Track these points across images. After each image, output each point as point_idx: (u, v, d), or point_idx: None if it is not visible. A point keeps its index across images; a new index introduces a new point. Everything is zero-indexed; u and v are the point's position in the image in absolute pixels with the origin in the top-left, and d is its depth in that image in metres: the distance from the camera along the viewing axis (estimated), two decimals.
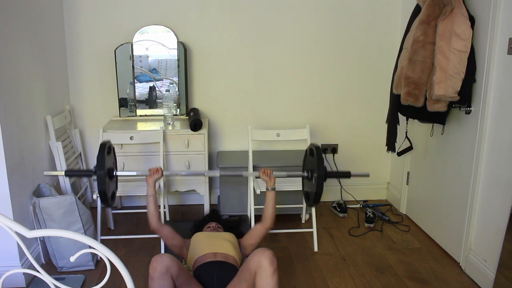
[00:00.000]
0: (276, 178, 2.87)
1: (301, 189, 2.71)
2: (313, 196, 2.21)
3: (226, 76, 3.26)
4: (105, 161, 2.14)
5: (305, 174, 2.31)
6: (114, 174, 2.31)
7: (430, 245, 2.84)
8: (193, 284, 1.99)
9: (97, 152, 2.18)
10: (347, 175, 2.32)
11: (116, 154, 2.86)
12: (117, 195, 2.70)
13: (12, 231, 1.15)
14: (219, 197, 3.22)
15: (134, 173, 2.46)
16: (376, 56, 3.30)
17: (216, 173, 2.29)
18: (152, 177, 2.33)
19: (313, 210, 2.83)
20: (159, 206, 2.32)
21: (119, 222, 3.11)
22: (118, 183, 2.83)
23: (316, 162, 2.17)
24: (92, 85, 3.19)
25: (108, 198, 2.26)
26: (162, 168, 2.47)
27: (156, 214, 2.31)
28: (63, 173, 2.34)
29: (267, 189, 2.36)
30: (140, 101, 3.27)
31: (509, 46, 2.11)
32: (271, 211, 2.36)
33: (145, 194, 2.57)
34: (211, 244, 2.21)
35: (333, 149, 3.44)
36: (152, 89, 3.30)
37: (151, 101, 3.30)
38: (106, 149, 2.22)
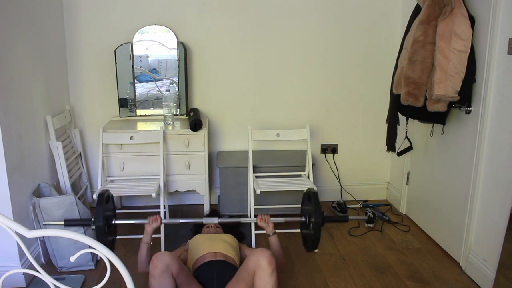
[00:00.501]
0: (277, 178, 2.89)
1: (302, 188, 2.71)
2: (311, 242, 2.21)
3: (226, 76, 3.26)
4: (103, 212, 2.13)
5: (303, 219, 2.31)
6: (113, 222, 2.30)
7: (430, 245, 2.84)
8: (193, 283, 1.99)
9: (96, 203, 2.17)
10: (345, 219, 2.33)
11: (116, 154, 2.88)
12: (117, 195, 2.70)
13: (12, 231, 1.15)
14: (219, 197, 3.22)
15: (133, 222, 2.42)
16: (376, 56, 3.30)
17: (214, 220, 2.27)
18: (151, 225, 2.29)
19: None
20: (151, 248, 2.29)
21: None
22: (118, 183, 2.84)
23: (314, 208, 2.17)
24: (92, 85, 3.19)
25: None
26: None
27: (146, 261, 2.25)
28: (62, 222, 2.30)
29: (268, 235, 2.34)
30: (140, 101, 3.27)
31: (509, 46, 2.11)
32: (278, 255, 2.30)
33: (145, 194, 2.57)
34: (210, 244, 2.21)
35: (333, 149, 3.44)
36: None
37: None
38: (105, 198, 2.22)
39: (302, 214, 2.32)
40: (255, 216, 2.34)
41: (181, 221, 2.38)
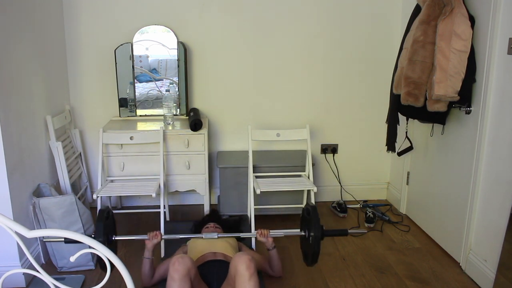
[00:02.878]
0: (277, 178, 2.89)
1: (302, 188, 2.72)
2: (311, 256, 2.22)
3: (226, 76, 3.26)
4: (103, 227, 2.14)
5: (303, 233, 2.32)
6: (114, 239, 2.31)
7: (430, 245, 2.84)
8: (202, 285, 2.00)
9: (97, 219, 2.15)
10: (344, 233, 2.35)
11: (116, 154, 2.88)
12: (117, 195, 2.70)
13: (12, 231, 1.15)
14: (219, 197, 3.22)
15: (133, 238, 2.43)
16: (376, 56, 3.30)
17: (214, 236, 2.27)
18: (151, 241, 2.28)
19: None
20: (153, 264, 2.30)
21: (119, 222, 3.08)
22: (118, 183, 2.84)
23: (313, 223, 2.18)
24: (92, 85, 3.19)
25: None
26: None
27: (150, 274, 2.27)
28: (62, 239, 2.22)
29: (267, 249, 2.35)
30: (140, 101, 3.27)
31: (509, 46, 2.11)
32: (277, 267, 2.39)
33: (145, 194, 2.57)
34: (210, 244, 2.22)
35: (333, 149, 3.44)
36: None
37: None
38: (105, 215, 2.21)
39: (301, 229, 2.34)
40: (257, 228, 2.38)
41: (180, 237, 2.38)
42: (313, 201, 2.81)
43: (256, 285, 1.87)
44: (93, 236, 2.17)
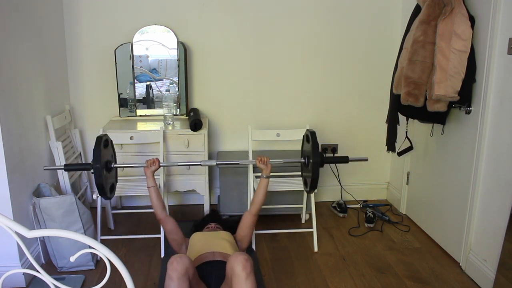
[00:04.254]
0: (277, 178, 2.89)
1: (302, 188, 2.72)
2: (310, 182, 2.21)
3: (226, 76, 3.27)
4: (101, 154, 2.15)
5: (302, 160, 2.32)
6: (112, 166, 2.34)
7: (430, 245, 2.84)
8: (201, 285, 2.00)
9: (94, 146, 2.21)
10: (345, 160, 2.32)
11: (116, 154, 2.87)
12: (117, 195, 2.70)
13: (12, 231, 1.15)
14: (219, 197, 3.22)
15: (132, 165, 2.53)
16: (376, 56, 3.30)
17: (213, 163, 2.32)
18: (150, 168, 2.36)
19: (313, 210, 2.83)
20: (162, 197, 2.37)
21: (119, 222, 3.11)
22: (118, 183, 2.84)
23: (311, 148, 2.17)
24: (92, 85, 3.19)
25: (106, 191, 2.27)
26: (160, 159, 2.48)
27: (160, 204, 2.36)
28: (62, 167, 2.42)
29: (262, 176, 2.37)
30: (138, 100, 3.27)
31: (509, 46, 2.11)
32: (260, 198, 2.41)
33: (145, 194, 2.57)
34: (209, 243, 2.21)
35: (333, 149, 3.44)
36: (149, 87, 3.30)
37: (148, 100, 3.30)
38: (103, 142, 2.23)
39: (301, 156, 2.33)
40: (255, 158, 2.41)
41: (180, 163, 2.43)
42: (313, 201, 2.82)
43: (253, 285, 1.87)
44: (91, 163, 2.19)
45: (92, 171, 2.22)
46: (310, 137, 2.23)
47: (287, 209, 3.08)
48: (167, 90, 3.22)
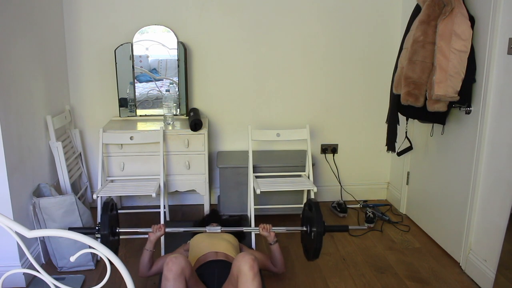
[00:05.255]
0: (277, 178, 2.89)
1: (302, 188, 2.72)
2: (312, 251, 2.22)
3: (226, 76, 3.26)
4: (109, 220, 2.15)
5: (304, 228, 2.33)
6: (117, 231, 2.32)
7: (430, 245, 2.84)
8: (200, 285, 2.00)
9: (101, 211, 2.18)
10: (345, 229, 2.37)
11: (116, 154, 2.88)
12: (117, 195, 2.70)
13: (12, 231, 1.15)
14: (219, 197, 3.22)
15: (137, 230, 2.47)
16: (376, 56, 3.30)
17: (217, 230, 2.30)
18: (155, 234, 2.30)
19: None
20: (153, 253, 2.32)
21: (119, 222, 3.10)
22: (118, 183, 2.84)
23: (315, 219, 2.18)
24: (92, 85, 3.19)
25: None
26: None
27: (148, 266, 2.28)
28: (66, 229, 2.30)
29: (269, 243, 2.35)
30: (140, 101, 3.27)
31: (509, 46, 2.11)
32: (280, 262, 2.36)
33: (145, 194, 2.57)
34: (212, 243, 2.21)
35: (333, 149, 3.44)
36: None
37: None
38: (110, 207, 2.22)
39: (303, 224, 2.34)
40: (257, 225, 2.38)
41: (184, 229, 2.39)
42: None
43: (259, 285, 1.86)
44: (97, 228, 2.18)
45: (98, 235, 2.19)
46: (314, 207, 2.24)
47: (287, 209, 3.08)
48: (167, 90, 3.22)
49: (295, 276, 2.48)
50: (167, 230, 2.34)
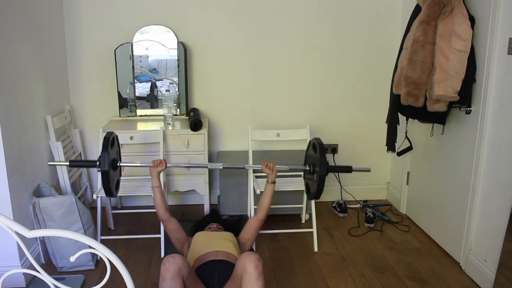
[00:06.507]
0: (277, 178, 2.88)
1: (302, 188, 2.72)
2: (314, 191, 2.23)
3: (226, 76, 3.26)
4: (109, 155, 2.17)
5: (307, 168, 2.34)
6: (118, 165, 2.35)
7: (430, 245, 2.84)
8: (199, 285, 2.00)
9: (102, 144, 2.23)
10: (348, 169, 2.36)
11: None
12: (118, 195, 2.70)
13: (12, 231, 1.15)
14: (219, 197, 3.22)
15: (138, 165, 2.55)
16: (376, 56, 3.30)
17: (219, 166, 2.35)
18: (156, 168, 2.38)
19: (313, 210, 2.83)
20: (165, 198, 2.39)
21: (119, 222, 3.11)
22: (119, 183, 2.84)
23: (319, 160, 2.18)
24: (92, 85, 3.19)
25: (112, 191, 2.29)
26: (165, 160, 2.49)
27: (163, 205, 2.37)
28: (67, 163, 2.43)
29: (267, 181, 2.38)
30: (140, 98, 3.27)
31: (509, 46, 2.11)
32: (267, 203, 2.42)
33: (145, 194, 2.58)
34: (213, 243, 2.21)
35: (333, 149, 3.44)
36: (153, 85, 3.30)
37: (152, 97, 3.31)
38: (111, 141, 2.24)
39: (306, 163, 2.35)
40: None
41: (185, 165, 2.45)
42: (313, 201, 2.81)
43: (264, 285, 1.87)
44: (98, 164, 2.20)
45: (98, 169, 2.23)
46: (318, 148, 2.25)
47: (287, 209, 3.08)
48: (167, 90, 3.22)
49: (295, 276, 2.48)
50: (168, 165, 2.42)
